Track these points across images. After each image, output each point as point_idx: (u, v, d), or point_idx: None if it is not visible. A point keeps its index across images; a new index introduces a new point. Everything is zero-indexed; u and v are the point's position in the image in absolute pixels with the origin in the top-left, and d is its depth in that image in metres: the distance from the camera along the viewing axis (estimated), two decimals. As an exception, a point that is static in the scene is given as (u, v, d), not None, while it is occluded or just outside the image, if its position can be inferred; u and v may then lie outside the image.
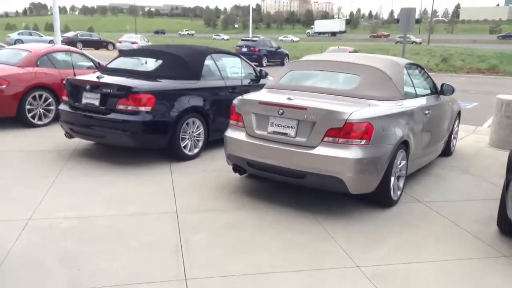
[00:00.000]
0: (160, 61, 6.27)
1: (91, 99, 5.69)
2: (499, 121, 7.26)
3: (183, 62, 6.22)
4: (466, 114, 7.21)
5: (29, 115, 7.52)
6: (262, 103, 4.48)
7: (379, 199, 4.44)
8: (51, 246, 3.49)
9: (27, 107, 7.47)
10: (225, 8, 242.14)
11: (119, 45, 34.06)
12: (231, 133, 4.73)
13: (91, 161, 5.78)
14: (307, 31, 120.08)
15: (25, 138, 6.90)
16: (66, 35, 36.01)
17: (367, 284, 3.13)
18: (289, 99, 4.32)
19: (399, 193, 4.63)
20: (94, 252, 3.42)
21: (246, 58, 7.85)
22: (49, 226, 3.84)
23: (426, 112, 5.12)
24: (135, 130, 5.45)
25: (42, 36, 39.15)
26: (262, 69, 7.58)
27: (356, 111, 4.07)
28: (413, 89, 5.18)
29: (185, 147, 5.88)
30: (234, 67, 7.21)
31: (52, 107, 7.77)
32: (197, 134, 6.07)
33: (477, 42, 64.67)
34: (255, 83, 7.12)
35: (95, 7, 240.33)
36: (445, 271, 3.35)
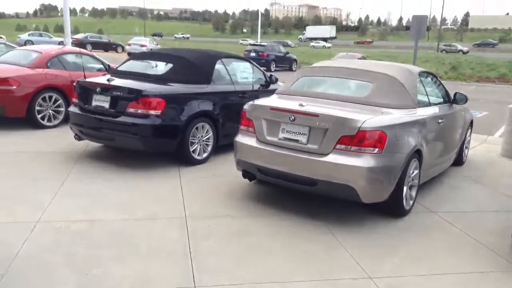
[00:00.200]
0: (170, 65, 6.26)
1: (101, 101, 5.68)
2: (511, 131, 7.16)
3: (193, 66, 6.20)
4: (476, 123, 7.13)
5: (39, 116, 7.53)
6: (273, 109, 4.44)
7: (391, 208, 4.38)
8: (60, 249, 3.46)
9: (37, 108, 7.48)
10: (234, 12, 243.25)
11: (128, 47, 34.22)
12: (241, 139, 4.68)
13: (100, 163, 5.76)
14: (299, 37, 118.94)
15: (35, 139, 6.90)
16: (75, 36, 36.24)
17: (380, 296, 3.06)
18: (301, 105, 4.27)
19: (411, 202, 4.56)
20: (103, 256, 3.38)
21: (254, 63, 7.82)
22: (58, 229, 3.81)
23: (439, 121, 5.05)
24: (144, 133, 5.43)
25: (52, 37, 39.37)
26: (272, 74, 7.54)
27: (369, 119, 4.01)
28: (426, 97, 5.12)
29: (194, 151, 5.85)
30: (244, 72, 7.19)
31: (61, 109, 7.78)
32: (206, 138, 6.03)
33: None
34: (265, 88, 7.09)
35: (105, 10, 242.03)
36: (459, 285, 3.27)
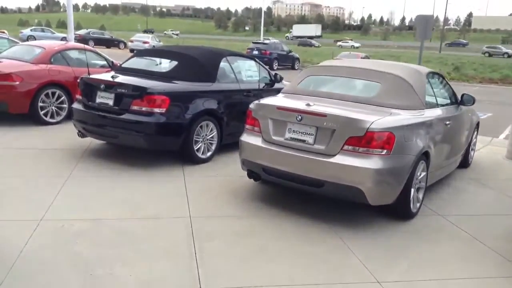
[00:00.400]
0: (175, 62, 6.20)
1: (105, 98, 5.63)
2: (518, 134, 7.11)
3: (198, 64, 6.14)
4: (481, 124, 7.06)
5: (42, 113, 7.48)
6: (280, 108, 4.38)
7: (398, 211, 4.32)
8: (63, 249, 3.42)
9: (40, 104, 7.43)
10: (236, 10, 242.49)
11: (130, 44, 34.17)
12: (246, 138, 4.63)
13: (103, 161, 5.72)
14: (286, 35, 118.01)
15: (37, 136, 6.85)
16: (78, 32, 36.11)
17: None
18: (308, 105, 4.21)
19: (418, 205, 4.51)
20: (106, 256, 3.34)
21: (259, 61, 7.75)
22: (61, 228, 3.76)
23: (447, 122, 5.00)
24: (148, 131, 5.37)
25: (54, 33, 39.32)
26: (277, 73, 7.46)
27: (377, 120, 3.96)
28: (434, 98, 5.06)
29: (198, 150, 5.80)
30: (249, 70, 7.12)
31: (64, 105, 7.72)
32: (211, 137, 5.98)
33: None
34: (270, 87, 7.03)
35: (107, 6, 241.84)
36: (468, 289, 3.23)
